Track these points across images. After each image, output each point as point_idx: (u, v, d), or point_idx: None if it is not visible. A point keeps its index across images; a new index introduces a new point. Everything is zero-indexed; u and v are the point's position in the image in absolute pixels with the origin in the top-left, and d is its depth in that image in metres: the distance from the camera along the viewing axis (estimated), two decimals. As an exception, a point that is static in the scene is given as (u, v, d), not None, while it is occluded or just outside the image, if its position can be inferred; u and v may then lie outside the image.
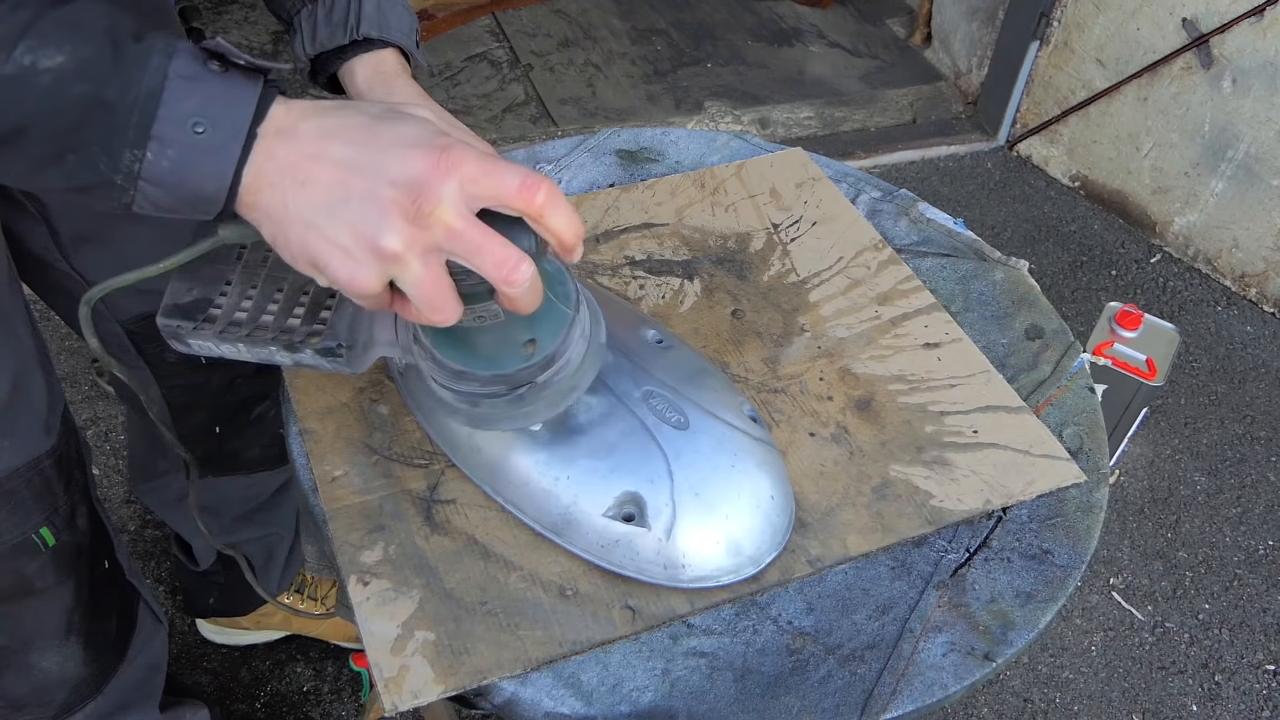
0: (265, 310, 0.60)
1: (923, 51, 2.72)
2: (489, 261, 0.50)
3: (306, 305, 0.60)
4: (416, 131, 0.50)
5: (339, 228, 0.49)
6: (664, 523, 0.62)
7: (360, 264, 0.50)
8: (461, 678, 0.59)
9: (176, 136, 0.48)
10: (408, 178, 0.49)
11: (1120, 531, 1.72)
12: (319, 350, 0.59)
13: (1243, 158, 2.06)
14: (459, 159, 0.49)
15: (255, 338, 0.59)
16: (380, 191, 0.49)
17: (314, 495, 0.69)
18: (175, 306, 0.60)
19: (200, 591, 1.34)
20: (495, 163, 0.50)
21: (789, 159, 1.00)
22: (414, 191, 0.49)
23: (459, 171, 0.49)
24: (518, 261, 0.50)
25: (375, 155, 0.49)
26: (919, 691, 0.62)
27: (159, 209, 0.50)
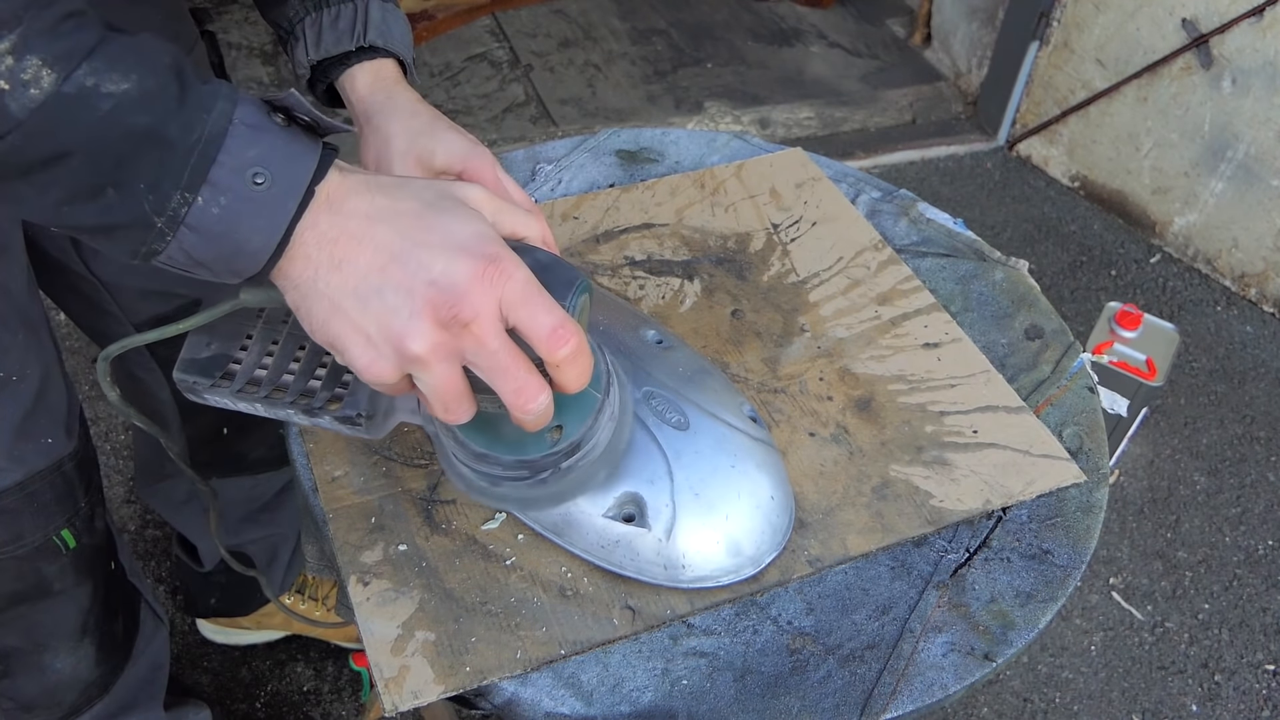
0: (285, 370, 0.59)
1: (923, 51, 2.72)
2: (509, 386, 0.50)
3: (328, 369, 0.59)
4: (468, 233, 0.49)
5: (367, 316, 0.48)
6: (664, 523, 0.62)
7: (381, 356, 0.49)
8: (461, 678, 0.59)
9: (233, 185, 0.45)
10: (450, 282, 0.47)
11: (1120, 531, 1.72)
12: (337, 418, 0.58)
13: (1242, 158, 2.06)
14: (506, 276, 0.48)
15: (274, 399, 0.58)
16: (418, 289, 0.47)
17: (314, 495, 0.69)
18: (193, 362, 0.59)
19: (202, 592, 1.34)
20: (538, 294, 0.49)
21: (789, 159, 1.00)
22: (453, 298, 0.47)
23: (502, 289, 0.48)
24: (536, 392, 0.50)
25: (421, 250, 0.48)
26: (919, 691, 0.62)
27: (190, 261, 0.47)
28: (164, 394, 1.04)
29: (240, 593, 1.33)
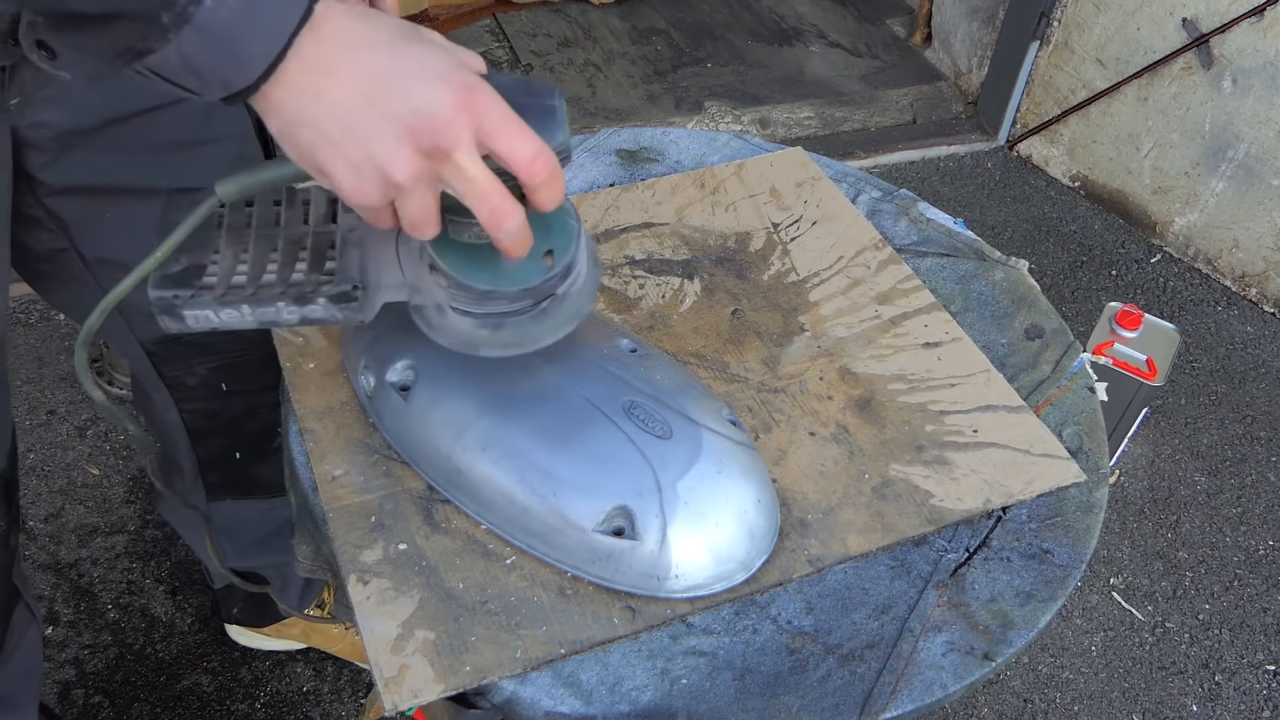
0: (265, 269, 0.58)
1: (923, 51, 2.72)
2: (485, 208, 0.52)
3: (308, 258, 0.59)
4: (442, 62, 0.50)
5: (353, 144, 0.49)
6: (655, 534, 0.62)
7: (366, 180, 0.50)
8: (461, 677, 0.59)
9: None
10: (431, 110, 0.48)
11: (1120, 531, 1.72)
12: (332, 297, 0.58)
13: (1243, 158, 2.06)
14: (484, 105, 0.50)
15: (260, 296, 0.57)
16: (402, 117, 0.48)
17: (314, 494, 0.69)
18: (166, 277, 0.58)
19: (225, 600, 1.36)
20: (515, 123, 0.51)
21: (789, 159, 1.00)
22: (434, 125, 0.48)
23: (480, 117, 0.49)
24: (510, 212, 0.52)
25: (401, 78, 0.49)
26: (918, 691, 0.62)
27: (182, 66, 0.46)
28: (171, 415, 1.03)
29: (259, 605, 1.35)
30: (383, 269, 0.61)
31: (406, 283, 0.61)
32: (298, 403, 0.73)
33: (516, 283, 0.59)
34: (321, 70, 0.48)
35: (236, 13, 0.45)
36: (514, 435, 0.65)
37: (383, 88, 0.48)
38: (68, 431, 1.66)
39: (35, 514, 1.55)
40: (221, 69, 0.47)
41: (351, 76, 0.48)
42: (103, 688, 1.38)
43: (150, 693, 1.38)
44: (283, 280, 0.58)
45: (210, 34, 0.45)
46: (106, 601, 1.46)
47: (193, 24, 0.45)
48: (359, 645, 1.38)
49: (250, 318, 0.58)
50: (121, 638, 1.43)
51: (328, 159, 0.50)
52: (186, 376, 0.99)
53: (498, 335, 0.61)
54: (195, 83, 0.48)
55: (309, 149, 0.50)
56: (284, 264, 0.59)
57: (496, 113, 0.50)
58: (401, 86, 0.48)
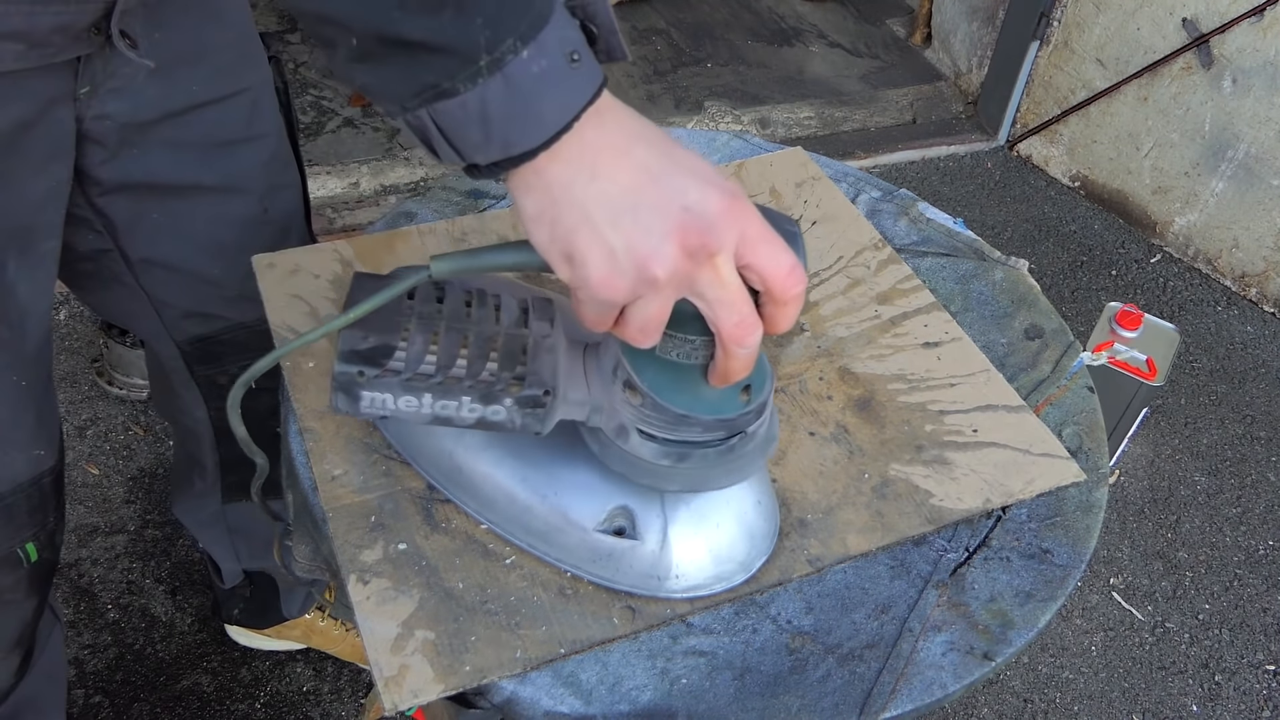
0: (455, 361, 0.56)
1: (923, 51, 2.72)
2: (733, 319, 0.50)
3: (498, 358, 0.57)
4: (706, 166, 0.50)
5: (617, 231, 0.48)
6: (656, 534, 0.62)
7: (618, 273, 0.48)
8: (461, 677, 0.59)
9: (554, 52, 0.46)
10: (703, 210, 0.48)
11: (1120, 531, 1.72)
12: (520, 399, 0.56)
13: (1243, 158, 2.06)
14: (746, 212, 0.49)
15: (447, 387, 0.56)
16: (673, 213, 0.47)
17: (313, 494, 0.69)
18: (354, 353, 0.56)
19: (226, 601, 1.36)
20: (774, 234, 0.50)
21: (789, 159, 1.00)
22: (704, 225, 0.48)
23: (744, 225, 0.49)
24: (754, 326, 0.51)
25: (675, 174, 0.48)
26: (918, 691, 0.62)
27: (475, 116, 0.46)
28: (200, 413, 1.03)
29: (260, 607, 1.35)
30: (569, 383, 0.59)
31: (590, 400, 0.59)
32: (298, 402, 0.73)
33: (714, 411, 0.57)
34: (600, 151, 0.48)
35: (545, 73, 0.46)
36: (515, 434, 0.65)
37: (656, 180, 0.48)
38: (68, 431, 1.66)
39: (35, 514, 1.55)
40: (511, 128, 0.46)
41: (629, 164, 0.48)
42: (103, 688, 1.38)
43: (150, 693, 1.38)
44: (473, 375, 0.56)
45: (516, 88, 0.45)
46: (106, 601, 1.46)
47: (504, 72, 0.45)
48: (359, 646, 1.39)
49: (428, 409, 0.57)
50: (121, 638, 1.43)
51: (586, 244, 0.48)
52: (219, 376, 1.00)
53: (680, 467, 0.59)
54: (477, 137, 0.47)
55: (567, 231, 0.48)
56: (474, 359, 0.57)
57: (759, 222, 0.50)
58: (675, 182, 0.48)
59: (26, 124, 0.72)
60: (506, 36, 0.44)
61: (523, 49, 0.45)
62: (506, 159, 0.47)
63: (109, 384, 1.70)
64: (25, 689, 0.98)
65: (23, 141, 0.72)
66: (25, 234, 0.77)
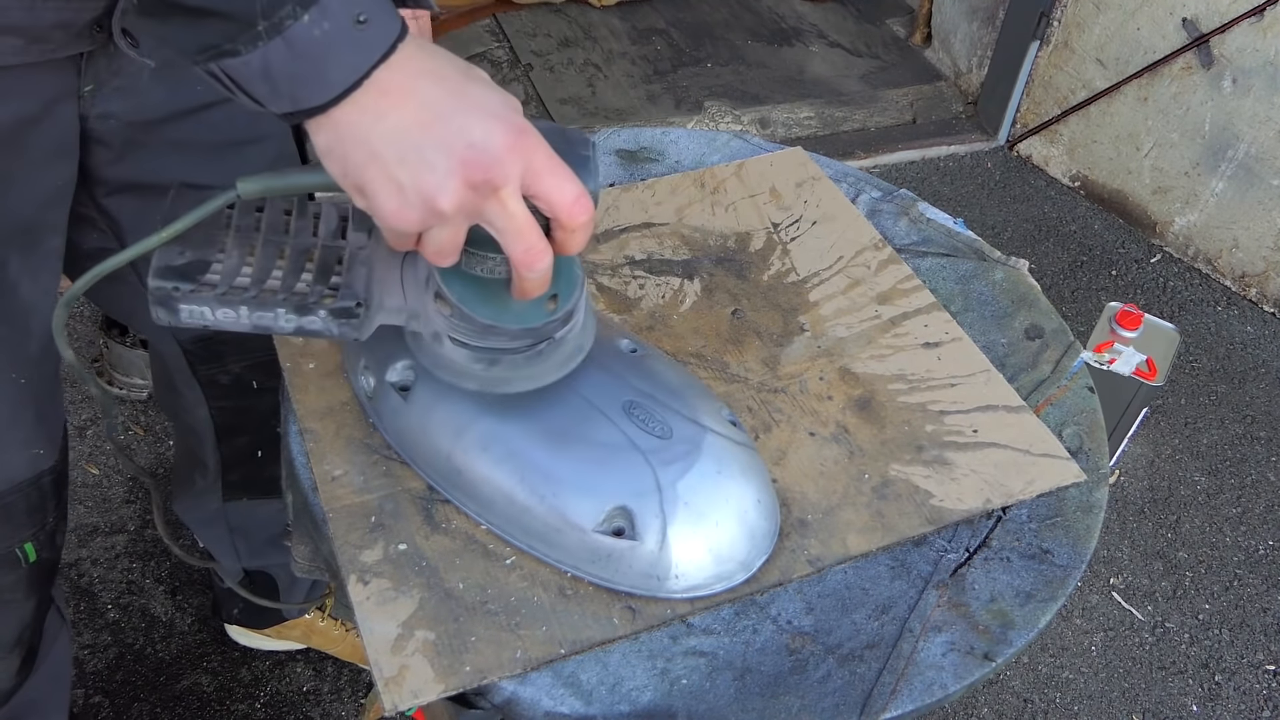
0: (270, 274, 0.58)
1: (923, 51, 2.72)
2: (521, 246, 0.52)
3: (314, 269, 0.59)
4: (497, 101, 0.51)
5: (403, 168, 0.49)
6: (655, 534, 0.62)
7: (408, 205, 0.50)
8: (461, 677, 0.59)
9: (339, 14, 0.46)
10: (486, 146, 0.49)
11: (1120, 531, 1.72)
12: (334, 310, 0.58)
13: (1243, 158, 2.06)
14: (532, 146, 0.51)
15: (261, 300, 0.57)
16: (456, 149, 0.49)
17: (313, 495, 0.69)
18: (169, 268, 0.57)
19: (226, 601, 1.36)
20: (559, 165, 0.52)
21: (789, 158, 1.00)
22: (487, 162, 0.49)
23: (529, 158, 0.51)
24: (543, 253, 0.53)
25: (461, 111, 0.50)
26: (918, 691, 0.62)
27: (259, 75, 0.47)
28: (201, 411, 1.04)
29: (259, 608, 1.35)
30: (385, 291, 0.61)
31: (407, 307, 0.61)
32: (298, 403, 0.73)
33: (519, 321, 0.59)
34: (386, 94, 0.49)
35: (329, 35, 0.46)
36: (514, 435, 0.65)
37: (442, 118, 0.49)
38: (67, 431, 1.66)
39: (35, 514, 1.55)
40: (297, 86, 0.48)
41: (414, 103, 0.49)
42: (103, 688, 1.38)
43: (150, 693, 1.38)
44: (286, 288, 0.58)
45: (298, 50, 0.46)
46: (106, 601, 1.46)
47: (285, 36, 0.46)
48: (359, 646, 1.39)
49: (246, 320, 0.58)
50: (121, 638, 1.43)
51: (374, 179, 0.50)
52: (220, 375, 1.00)
53: (490, 371, 0.61)
54: (264, 92, 0.49)
55: (357, 167, 0.50)
56: (289, 272, 0.59)
57: (544, 154, 0.51)
58: (460, 119, 0.49)
59: (29, 121, 0.71)
60: (285, 3, 0.45)
61: (303, 14, 0.46)
62: (298, 111, 0.49)
63: (109, 384, 1.70)
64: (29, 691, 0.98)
65: (25, 138, 0.72)
66: (28, 232, 0.76)
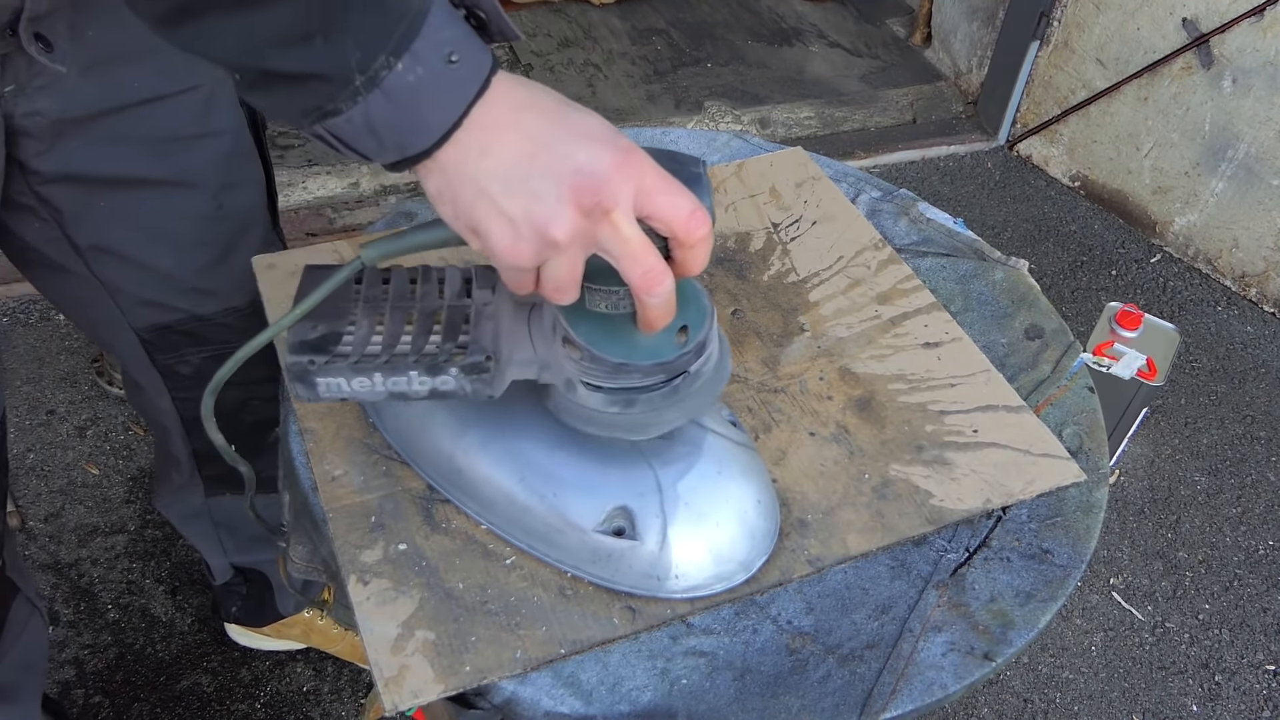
0: (400, 339, 0.59)
1: (923, 51, 2.72)
2: (638, 270, 0.52)
3: (442, 330, 0.59)
4: (598, 126, 0.51)
5: (513, 201, 0.49)
6: (656, 534, 0.62)
7: (522, 239, 0.50)
8: (462, 677, 0.59)
9: (430, 58, 0.47)
10: (594, 169, 0.49)
11: (1120, 531, 1.72)
12: (464, 367, 0.58)
13: (1243, 158, 2.06)
14: (641, 165, 0.50)
15: (394, 364, 0.58)
16: (564, 176, 0.49)
17: (313, 494, 0.69)
18: (303, 343, 0.58)
19: (224, 600, 1.36)
20: (671, 181, 0.51)
21: (789, 158, 1.00)
22: (596, 185, 0.49)
23: (639, 178, 0.50)
24: (662, 274, 0.52)
25: (564, 139, 0.50)
26: (918, 691, 0.62)
27: (364, 129, 0.48)
28: (164, 403, 1.03)
29: (257, 605, 1.35)
30: (515, 345, 0.60)
31: (537, 359, 0.61)
32: (297, 402, 0.73)
33: (651, 356, 0.58)
34: (487, 129, 0.49)
35: (424, 80, 0.47)
36: (514, 435, 0.65)
37: (546, 147, 0.49)
38: (68, 431, 1.66)
39: (35, 514, 1.55)
40: (401, 135, 0.48)
41: (517, 136, 0.49)
42: (103, 688, 1.38)
43: (150, 693, 1.38)
44: (416, 349, 0.58)
45: (396, 99, 0.47)
46: (106, 601, 1.46)
47: (382, 88, 0.46)
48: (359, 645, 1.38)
49: (381, 387, 0.59)
50: (121, 638, 1.43)
51: (485, 216, 0.50)
52: (179, 365, 0.99)
53: (627, 414, 0.60)
54: (371, 145, 0.49)
55: (467, 207, 0.50)
56: (418, 334, 0.59)
57: (653, 173, 0.51)
58: (564, 147, 0.49)
59: None
60: (378, 54, 0.46)
61: (396, 63, 0.46)
62: (405, 159, 0.49)
63: (109, 384, 1.70)
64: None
65: None
66: None
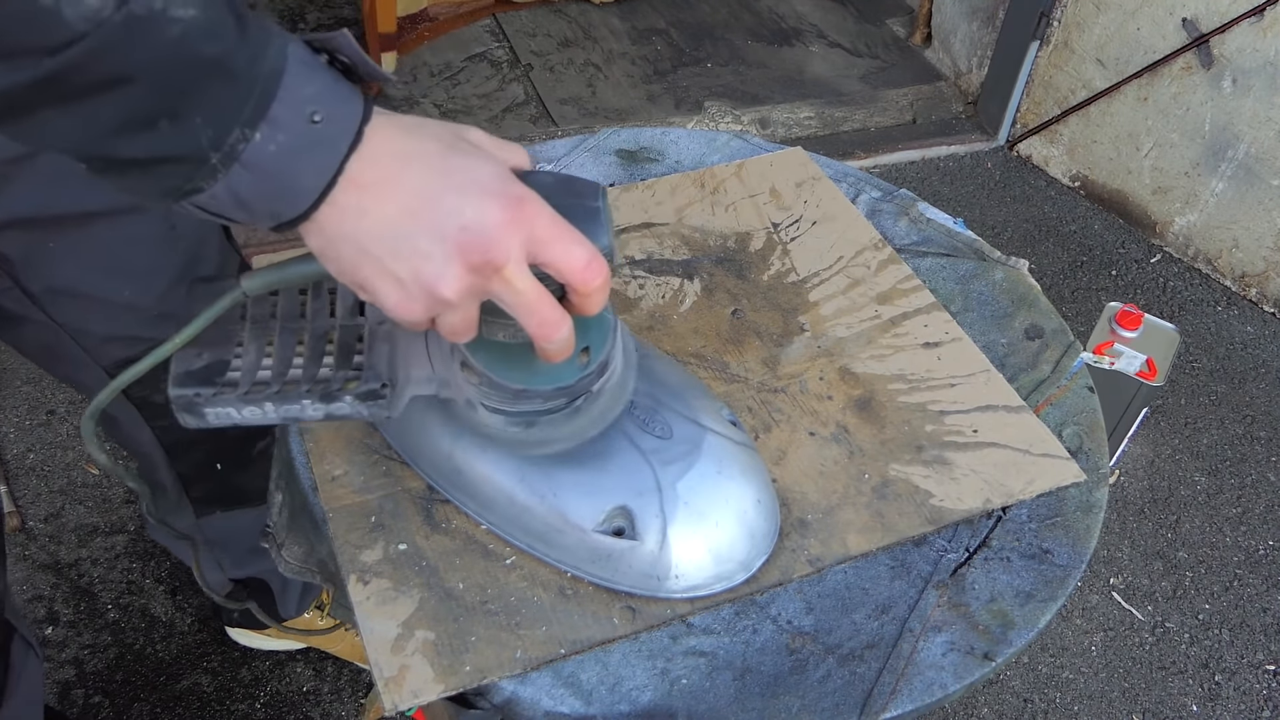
0: (291, 364, 0.56)
1: (923, 51, 2.72)
2: (534, 320, 0.51)
3: (334, 353, 0.57)
4: (489, 173, 0.49)
5: (399, 262, 0.47)
6: (655, 534, 0.62)
7: (411, 298, 0.49)
8: (462, 677, 0.59)
9: (290, 122, 0.44)
10: (481, 225, 0.47)
11: (1120, 531, 1.72)
12: (359, 395, 0.56)
13: (1243, 158, 2.06)
14: (532, 215, 0.49)
15: (285, 393, 0.55)
16: (449, 234, 0.47)
17: (313, 495, 0.69)
18: (188, 374, 0.55)
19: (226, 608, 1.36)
20: (565, 229, 0.50)
21: (789, 159, 1.00)
22: (484, 242, 0.47)
23: (530, 228, 0.49)
24: (559, 323, 0.51)
25: (448, 193, 0.47)
26: (918, 691, 0.62)
27: (232, 202, 0.45)
28: (144, 434, 1.02)
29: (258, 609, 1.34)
30: (411, 364, 0.59)
31: (436, 377, 0.59)
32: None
33: (551, 381, 0.57)
34: (365, 187, 0.46)
35: (285, 147, 0.44)
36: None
37: (429, 203, 0.47)
38: (68, 431, 1.66)
39: (35, 514, 1.55)
40: (270, 202, 0.46)
41: (397, 192, 0.47)
42: (103, 688, 1.38)
43: (150, 693, 1.38)
44: (309, 377, 0.56)
45: (259, 170, 0.44)
46: (106, 601, 1.46)
47: (241, 161, 0.44)
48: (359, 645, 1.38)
49: (273, 414, 0.56)
50: (121, 638, 1.43)
51: (371, 275, 0.48)
52: (154, 395, 0.97)
53: (529, 433, 0.60)
54: (243, 216, 0.47)
55: (351, 265, 0.48)
56: (310, 359, 0.57)
57: (546, 221, 0.49)
58: (449, 202, 0.47)
59: None
60: (231, 128, 0.43)
61: (253, 134, 0.43)
62: (281, 224, 0.47)
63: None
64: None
65: None
66: None
